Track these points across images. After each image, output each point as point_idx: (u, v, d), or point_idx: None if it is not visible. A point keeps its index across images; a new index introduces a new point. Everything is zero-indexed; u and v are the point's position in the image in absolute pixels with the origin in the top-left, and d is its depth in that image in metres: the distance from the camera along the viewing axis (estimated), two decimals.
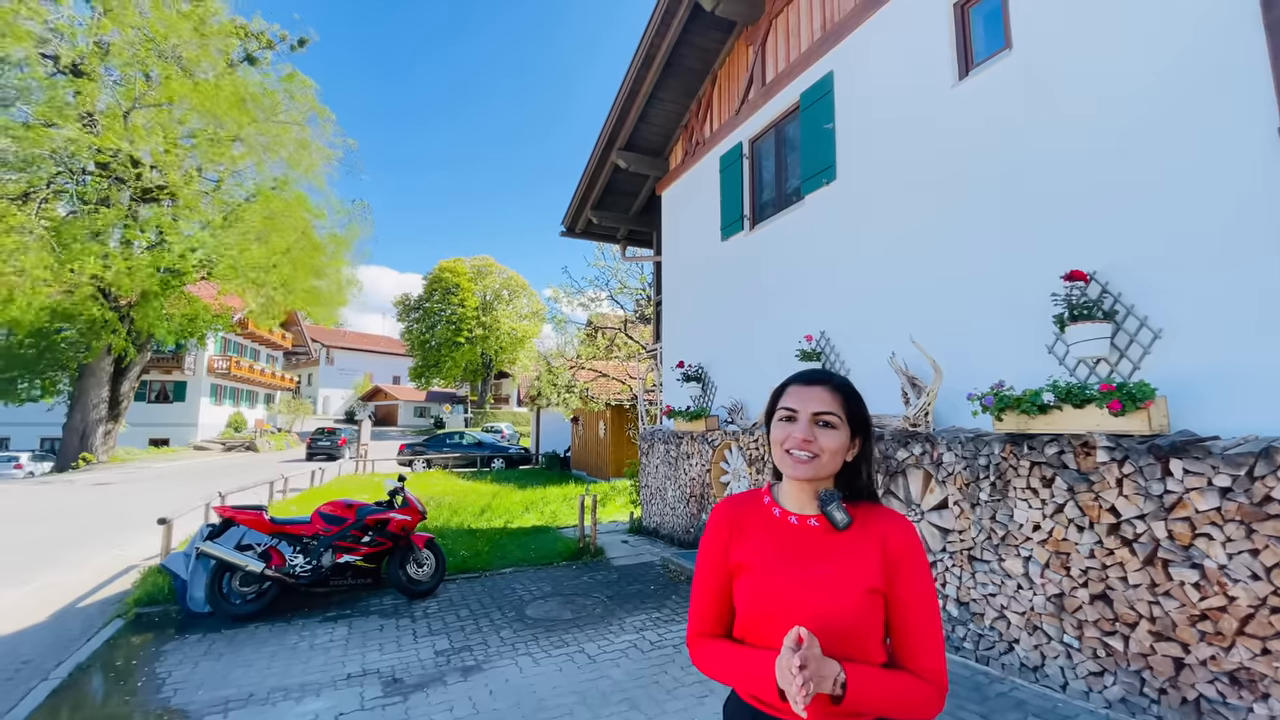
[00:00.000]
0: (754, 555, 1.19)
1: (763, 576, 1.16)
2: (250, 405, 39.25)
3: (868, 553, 1.14)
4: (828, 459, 1.16)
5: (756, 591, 1.15)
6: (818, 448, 1.15)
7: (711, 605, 1.24)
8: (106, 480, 17.48)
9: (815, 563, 1.15)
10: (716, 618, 1.24)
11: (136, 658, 4.40)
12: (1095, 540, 3.27)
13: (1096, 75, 3.76)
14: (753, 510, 1.25)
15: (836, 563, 1.14)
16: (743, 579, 1.19)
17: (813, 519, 1.19)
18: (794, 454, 1.16)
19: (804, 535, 1.18)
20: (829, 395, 1.18)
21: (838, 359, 5.74)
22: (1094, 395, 3.29)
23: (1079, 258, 3.76)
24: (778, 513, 1.22)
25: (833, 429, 1.16)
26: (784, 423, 1.19)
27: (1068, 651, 3.41)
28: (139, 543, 8.46)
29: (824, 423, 1.16)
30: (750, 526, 1.23)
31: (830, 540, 1.17)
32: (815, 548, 1.17)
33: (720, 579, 1.23)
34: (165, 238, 19.24)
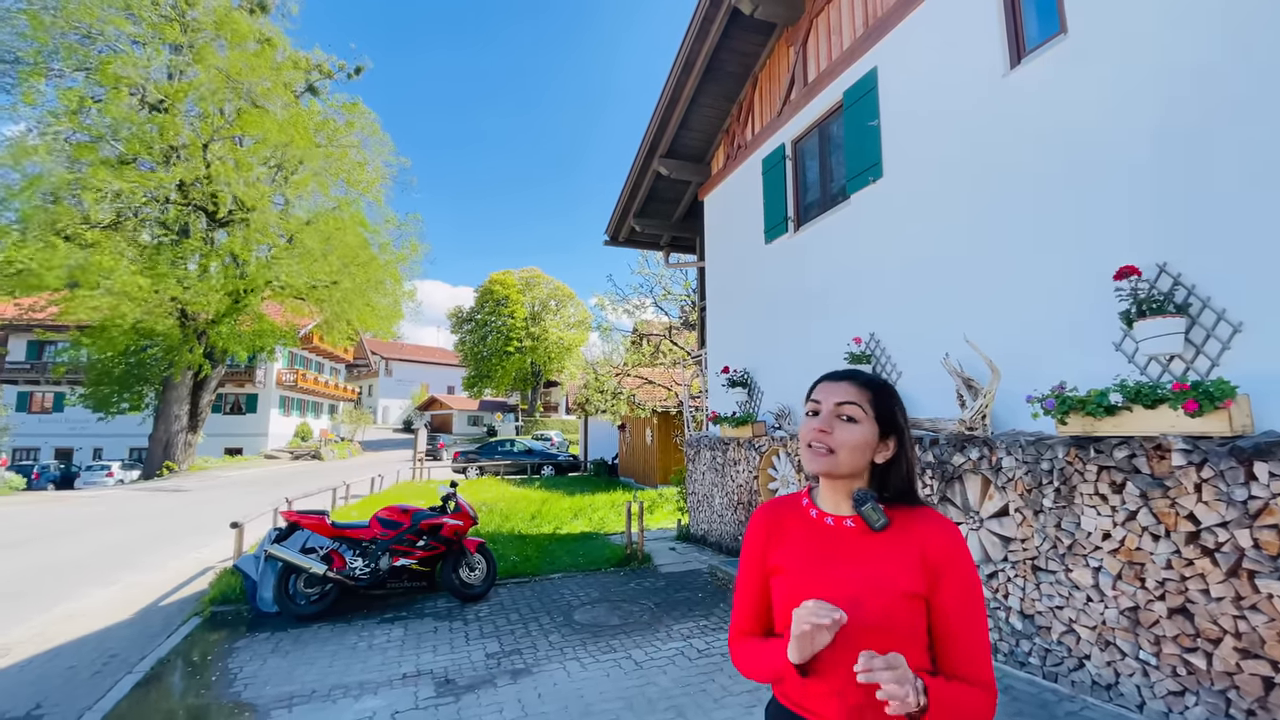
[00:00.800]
0: (790, 557, 1.19)
1: (797, 577, 1.16)
2: (315, 416, 41.16)
3: (906, 555, 1.11)
4: (845, 454, 1.13)
5: (791, 592, 1.15)
6: (834, 441, 1.13)
7: (750, 606, 1.26)
8: (186, 487, 18.64)
9: (849, 564, 1.13)
10: (755, 618, 1.26)
11: (211, 653, 4.66)
12: (1172, 550, 3.05)
13: (1159, 57, 3.54)
14: (791, 512, 1.25)
15: (872, 564, 1.12)
16: (779, 580, 1.19)
17: (849, 520, 1.17)
18: (813, 446, 1.15)
19: (840, 536, 1.17)
20: (853, 388, 1.17)
21: (888, 361, 5.57)
22: (1167, 395, 3.08)
23: (1145, 249, 3.54)
24: (814, 514, 1.21)
25: (854, 423, 1.14)
26: (810, 418, 1.19)
27: (1144, 669, 3.19)
28: (214, 545, 8.98)
29: (846, 416, 1.14)
30: (788, 529, 1.23)
31: (866, 541, 1.14)
32: (851, 549, 1.15)
33: (759, 580, 1.24)
34: (239, 260, 20.50)
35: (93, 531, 10.87)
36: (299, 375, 36.70)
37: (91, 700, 3.95)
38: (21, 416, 31.17)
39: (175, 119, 19.13)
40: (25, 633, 5.39)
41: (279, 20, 22.72)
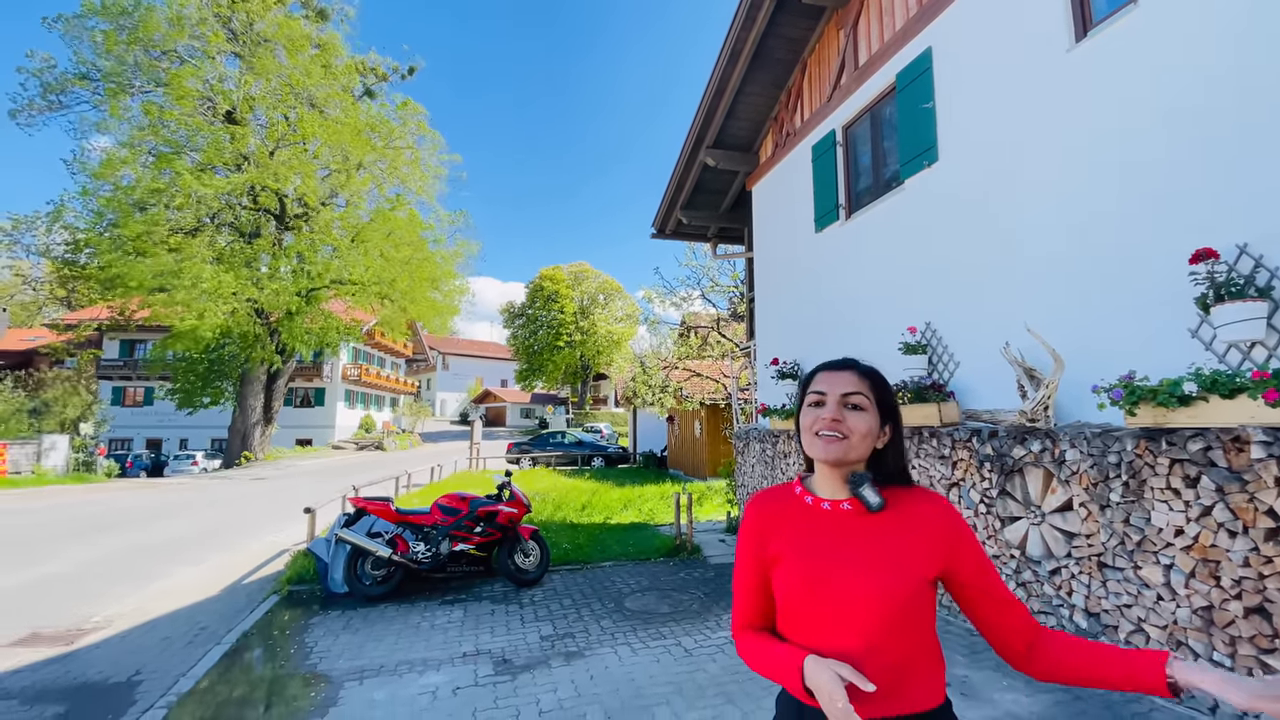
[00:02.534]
0: (789, 544, 1.20)
1: (799, 563, 1.16)
2: (378, 408, 42.98)
3: (916, 534, 1.15)
4: (856, 440, 1.16)
5: (793, 578, 1.16)
6: (846, 428, 1.16)
7: (750, 598, 1.26)
8: (262, 475, 19.86)
9: (850, 545, 1.15)
10: (756, 611, 1.26)
11: (289, 629, 5.01)
12: (1250, 547, 2.89)
13: (1237, 21, 3.31)
14: (785, 501, 1.26)
15: (874, 546, 1.14)
16: (780, 568, 1.19)
17: (845, 503, 1.19)
18: (823, 435, 1.17)
19: (838, 519, 1.19)
20: (857, 378, 1.20)
21: (945, 351, 5.43)
22: (1246, 383, 2.91)
23: (1223, 230, 3.33)
24: (810, 500, 1.23)
25: (861, 411, 1.18)
26: (813, 408, 1.21)
27: None
28: (289, 529, 9.57)
29: (853, 405, 1.18)
30: (784, 517, 1.24)
31: (865, 523, 1.17)
32: (850, 531, 1.17)
33: (758, 572, 1.24)
34: (305, 261, 21.60)
35: (181, 515, 11.74)
36: (362, 370, 38.41)
37: (185, 668, 4.32)
38: (116, 409, 33.80)
39: (244, 128, 20.28)
40: (124, 607, 5.91)
41: (337, 26, 23.71)
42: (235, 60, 21.61)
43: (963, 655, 4.02)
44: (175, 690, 3.91)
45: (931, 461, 5.11)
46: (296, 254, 21.95)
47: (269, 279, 21.03)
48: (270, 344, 22.82)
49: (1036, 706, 3.33)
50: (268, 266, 22.08)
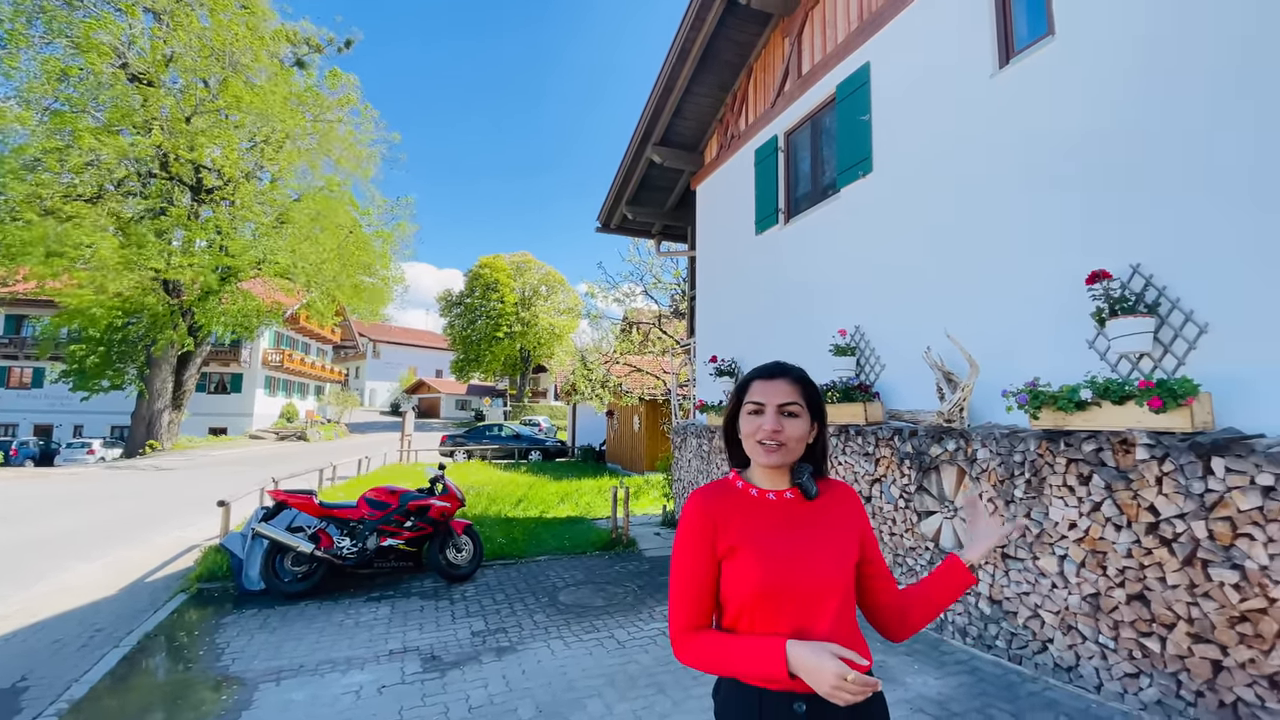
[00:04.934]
0: (743, 535, 1.23)
1: (757, 553, 1.21)
2: (301, 397, 40.89)
3: (845, 520, 1.31)
4: (794, 445, 1.27)
5: (754, 568, 1.19)
6: (785, 436, 1.25)
7: (698, 596, 1.24)
8: (170, 466, 18.53)
9: (801, 533, 1.26)
10: (704, 610, 1.25)
11: (198, 629, 4.72)
12: (1133, 539, 3.20)
13: (1142, 63, 3.63)
14: (729, 495, 1.30)
15: (820, 530, 1.27)
16: (735, 561, 1.21)
17: (787, 492, 1.31)
18: (765, 444, 1.25)
19: (782, 509, 1.29)
20: (791, 387, 1.29)
21: (872, 353, 5.69)
22: (1134, 391, 3.21)
23: (1121, 249, 3.65)
24: (755, 493, 1.30)
25: (796, 418, 1.27)
26: (753, 415, 1.29)
27: (1103, 652, 3.35)
28: (199, 524, 8.98)
29: (789, 413, 1.27)
30: (731, 510, 1.27)
31: (805, 510, 1.29)
32: (796, 519, 1.28)
33: (708, 568, 1.24)
34: (223, 237, 20.22)
35: (75, 508, 10.81)
36: (285, 355, 36.40)
37: (78, 673, 3.99)
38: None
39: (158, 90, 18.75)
40: (9, 607, 5.40)
41: None
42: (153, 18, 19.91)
43: (877, 641, 4.25)
44: (67, 697, 3.61)
45: (857, 458, 5.35)
46: (215, 229, 20.49)
47: (181, 254, 19.54)
48: (182, 325, 21.25)
49: (944, 688, 3.57)
50: (180, 241, 20.52)
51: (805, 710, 1.15)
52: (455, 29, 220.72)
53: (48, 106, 18.62)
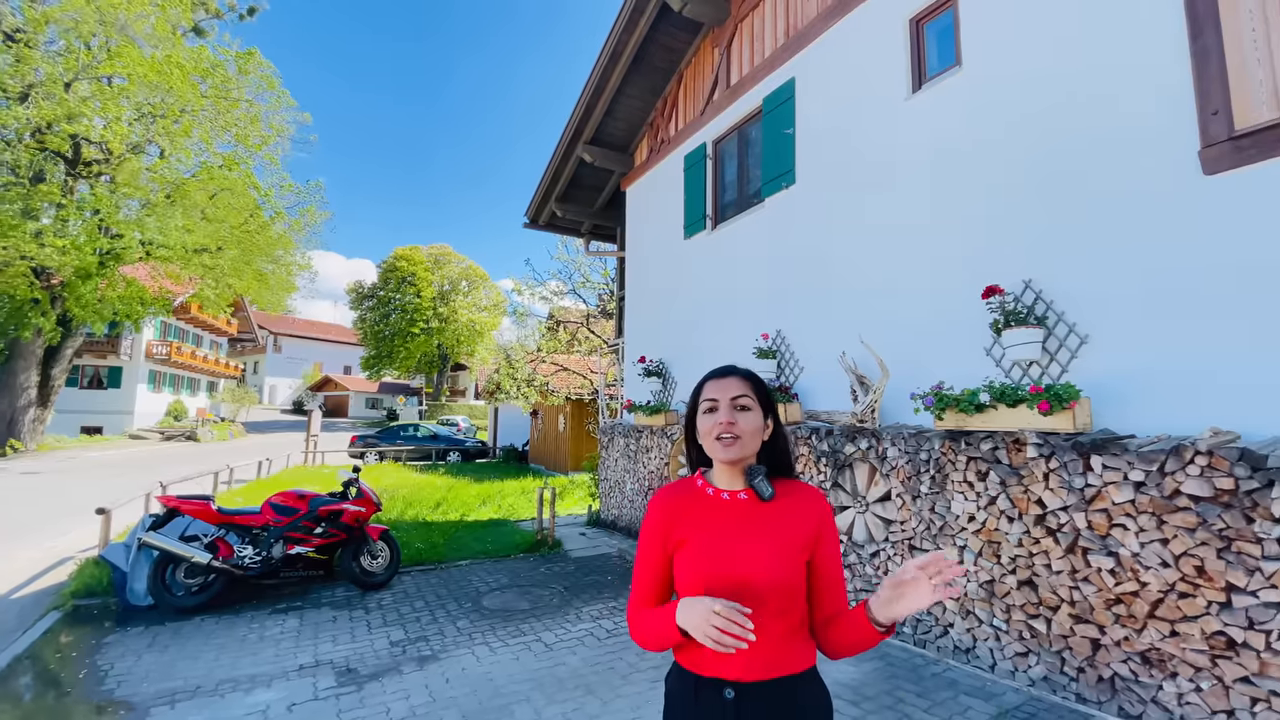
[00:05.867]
0: (693, 531, 1.32)
1: (702, 546, 1.29)
2: (192, 393, 37.57)
3: (799, 521, 1.31)
4: (749, 439, 1.31)
5: (697, 559, 1.28)
6: (739, 429, 1.30)
7: (650, 583, 1.37)
8: (37, 469, 16.51)
9: (748, 530, 1.30)
10: (654, 595, 1.37)
11: (77, 650, 4.24)
12: (1023, 530, 3.52)
13: (1036, 97, 4.01)
14: (688, 493, 1.39)
15: (768, 529, 1.29)
16: (684, 553, 1.31)
17: (742, 493, 1.34)
18: (722, 438, 1.30)
19: (736, 508, 1.33)
20: (741, 382, 1.35)
21: (792, 357, 5.93)
22: (1025, 396, 3.53)
23: (1016, 265, 4.01)
24: (710, 492, 1.37)
25: (749, 410, 1.33)
26: (708, 414, 1.35)
27: (996, 634, 3.66)
28: (73, 534, 8.07)
29: (741, 406, 1.32)
30: (687, 507, 1.36)
31: (759, 510, 1.32)
32: (747, 517, 1.31)
33: (660, 558, 1.35)
34: (103, 216, 18.23)
35: None
36: (173, 348, 33.26)
37: None
38: None
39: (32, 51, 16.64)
40: None
41: None
42: None
43: None
44: None
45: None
46: (92, 208, 18.40)
47: (52, 234, 17.42)
48: (51, 312, 18.96)
49: (859, 674, 3.78)
50: (52, 219, 18.30)
51: (733, 696, 1.23)
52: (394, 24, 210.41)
53: None
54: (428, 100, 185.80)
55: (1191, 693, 2.86)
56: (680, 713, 1.30)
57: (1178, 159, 3.30)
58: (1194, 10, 3.31)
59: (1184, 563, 2.89)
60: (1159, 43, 3.42)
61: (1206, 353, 3.12)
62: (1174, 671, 2.92)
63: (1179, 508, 2.91)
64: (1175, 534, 2.91)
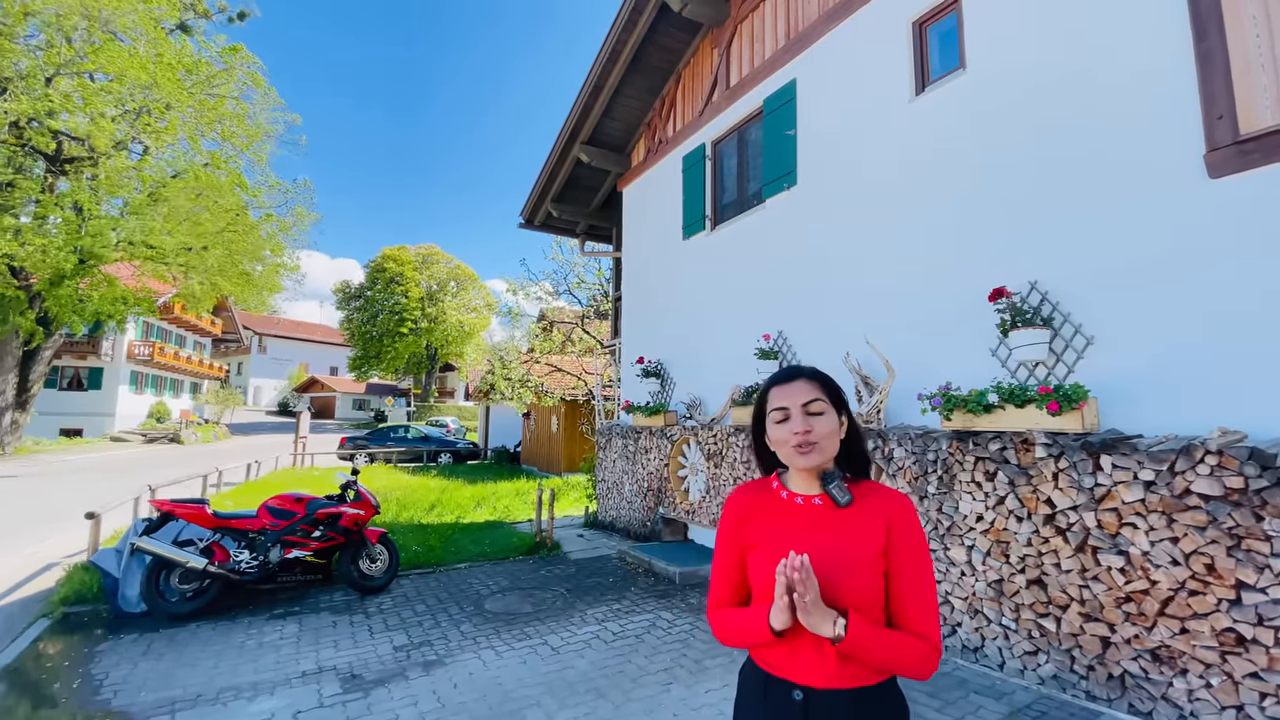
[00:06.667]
0: (763, 534, 1.31)
1: (771, 551, 1.27)
2: (175, 394, 36.97)
3: (872, 527, 1.25)
4: (827, 444, 1.27)
5: (766, 563, 1.26)
6: (816, 435, 1.25)
7: (726, 582, 1.37)
8: (15, 473, 16.13)
9: (820, 534, 1.26)
10: (731, 593, 1.37)
11: (69, 659, 4.13)
12: (1032, 530, 3.54)
13: (1041, 100, 4.04)
14: (762, 495, 1.37)
15: (840, 536, 1.25)
16: (754, 556, 1.31)
17: (816, 498, 1.30)
18: (800, 447, 1.26)
19: (809, 513, 1.30)
20: (810, 385, 1.30)
21: (794, 357, 5.94)
22: (1034, 396, 3.56)
23: (1021, 267, 4.04)
24: (785, 495, 1.34)
25: (823, 415, 1.27)
26: (780, 424, 1.29)
27: (1005, 633, 3.68)
28: (57, 539, 7.88)
29: (814, 411, 1.27)
30: (760, 509, 1.35)
31: (834, 516, 1.27)
32: (820, 523, 1.28)
33: (734, 557, 1.35)
34: (84, 214, 17.86)
35: None
36: (155, 348, 32.69)
37: None
38: None
39: (12, 44, 16.26)
40: None
41: None
42: None
43: None
44: None
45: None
46: (73, 204, 18.01)
47: (31, 232, 17.04)
48: (30, 312, 18.55)
49: None
50: (31, 216, 17.90)
51: (802, 699, 1.22)
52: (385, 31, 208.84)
53: None
54: (415, 106, 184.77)
55: (1201, 689, 2.89)
56: (750, 706, 1.31)
57: (1183, 163, 3.34)
58: (1198, 14, 3.36)
59: (1194, 560, 2.92)
60: (1163, 46, 3.46)
61: (1212, 353, 3.16)
62: (1184, 668, 2.95)
63: (1189, 506, 2.94)
64: (1185, 532, 2.94)
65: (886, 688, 1.24)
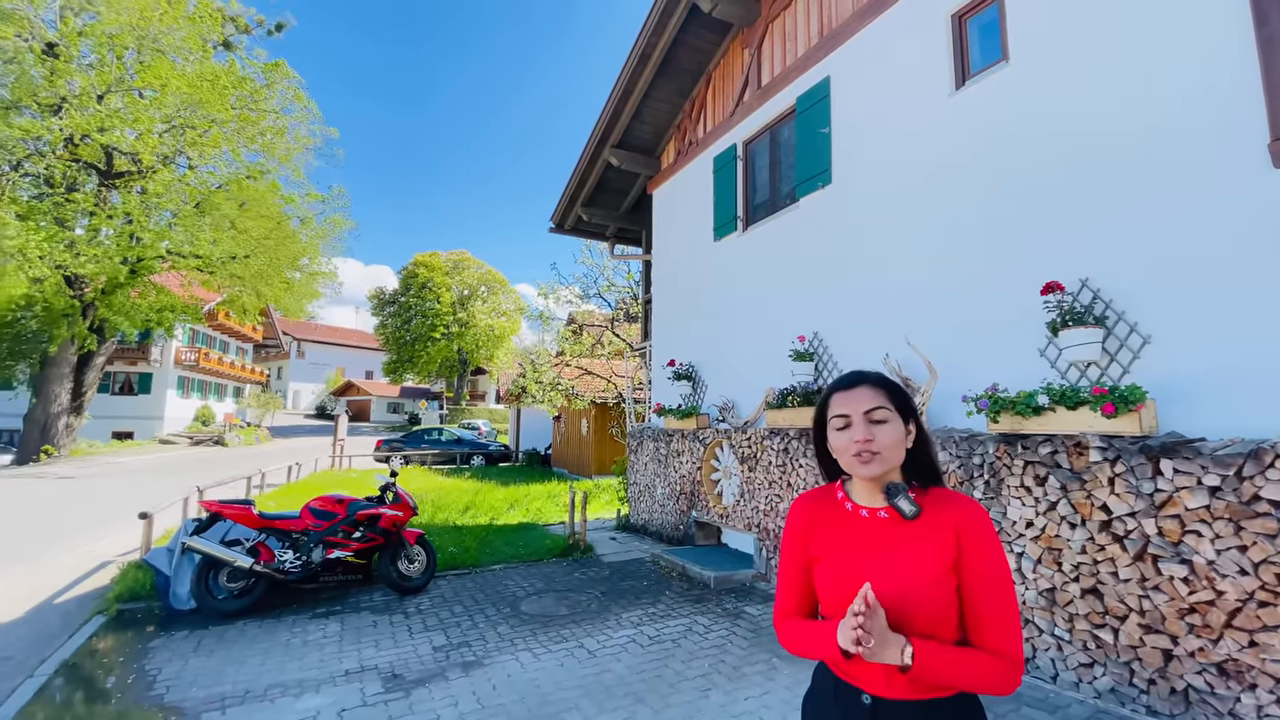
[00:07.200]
0: (829, 547, 1.28)
1: (836, 566, 1.24)
2: (219, 398, 38.27)
3: (941, 540, 1.19)
4: (890, 453, 1.21)
5: (832, 579, 1.24)
6: (879, 445, 1.20)
7: (793, 591, 1.36)
8: (71, 474, 16.88)
9: (886, 551, 1.21)
10: (798, 602, 1.35)
11: (124, 655, 4.29)
12: (1087, 537, 3.40)
13: (1088, 91, 3.89)
14: (827, 505, 1.33)
15: (908, 550, 1.20)
16: (820, 569, 1.29)
17: (882, 511, 1.24)
18: (861, 455, 1.20)
19: (875, 526, 1.25)
20: (873, 392, 1.24)
21: (830, 359, 5.84)
22: (1088, 398, 3.42)
23: (1070, 264, 3.90)
24: (850, 507, 1.29)
25: (887, 423, 1.21)
26: (841, 431, 1.24)
27: (1058, 644, 3.54)
28: (112, 538, 8.20)
29: (876, 419, 1.21)
30: (825, 520, 1.31)
31: (901, 529, 1.22)
32: (886, 537, 1.23)
33: (800, 568, 1.34)
34: (135, 226, 18.64)
35: None
36: (201, 354, 33.93)
37: None
38: None
39: (68, 64, 17.09)
40: None
41: None
42: None
43: None
44: None
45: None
46: (125, 216, 18.82)
47: (86, 243, 17.84)
48: (83, 320, 19.42)
49: None
50: (85, 229, 18.75)
51: (870, 704, 1.20)
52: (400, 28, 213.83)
53: None
54: (433, 107, 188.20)
55: (1272, 704, 2.73)
56: (820, 704, 1.31)
57: (1244, 152, 3.18)
58: None
59: (1264, 570, 2.76)
60: (1222, 30, 3.30)
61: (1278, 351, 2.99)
62: (1253, 683, 2.79)
63: (1258, 513, 2.79)
64: (1254, 540, 2.79)
65: (961, 700, 1.19)
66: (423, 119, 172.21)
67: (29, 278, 16.41)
